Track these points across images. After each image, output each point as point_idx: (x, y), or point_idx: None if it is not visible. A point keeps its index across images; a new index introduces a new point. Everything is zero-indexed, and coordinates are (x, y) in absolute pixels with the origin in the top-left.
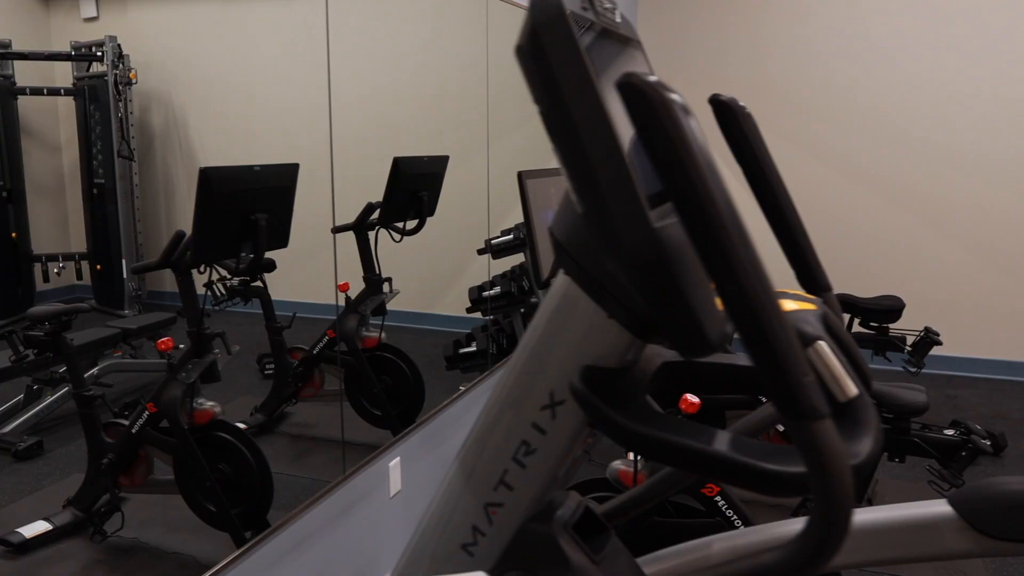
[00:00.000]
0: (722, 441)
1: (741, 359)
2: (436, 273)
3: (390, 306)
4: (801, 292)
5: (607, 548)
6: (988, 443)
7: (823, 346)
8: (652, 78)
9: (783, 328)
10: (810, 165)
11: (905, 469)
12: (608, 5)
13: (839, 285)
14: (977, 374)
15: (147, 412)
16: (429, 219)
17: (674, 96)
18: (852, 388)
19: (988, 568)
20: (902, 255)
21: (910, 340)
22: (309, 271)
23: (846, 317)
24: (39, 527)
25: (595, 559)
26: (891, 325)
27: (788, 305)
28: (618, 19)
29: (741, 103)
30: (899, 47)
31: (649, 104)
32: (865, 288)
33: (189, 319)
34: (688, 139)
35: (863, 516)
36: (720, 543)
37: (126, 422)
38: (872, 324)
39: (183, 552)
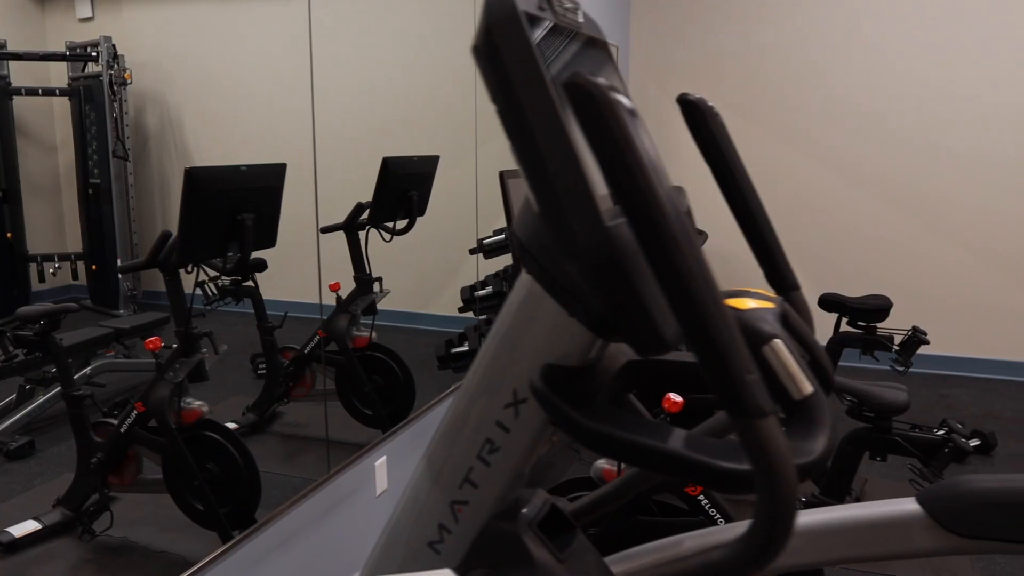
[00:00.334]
0: (678, 439)
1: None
2: (430, 273)
3: (384, 306)
4: (763, 291)
5: (573, 546)
6: (972, 442)
7: (779, 344)
8: (599, 79)
9: (725, 326)
10: (802, 164)
11: (895, 468)
12: (569, 5)
13: (829, 284)
14: (971, 373)
15: (135, 412)
16: (423, 219)
17: (619, 97)
18: (807, 386)
19: (975, 567)
20: (897, 255)
21: (898, 339)
22: (303, 271)
23: (834, 316)
24: (29, 526)
25: (560, 557)
26: (879, 324)
27: (748, 303)
28: (581, 19)
29: (709, 103)
30: (890, 46)
31: (594, 104)
32: (859, 287)
33: (176, 319)
34: (631, 140)
35: (832, 514)
36: (691, 541)
37: (115, 422)
38: (860, 323)
39: (172, 551)
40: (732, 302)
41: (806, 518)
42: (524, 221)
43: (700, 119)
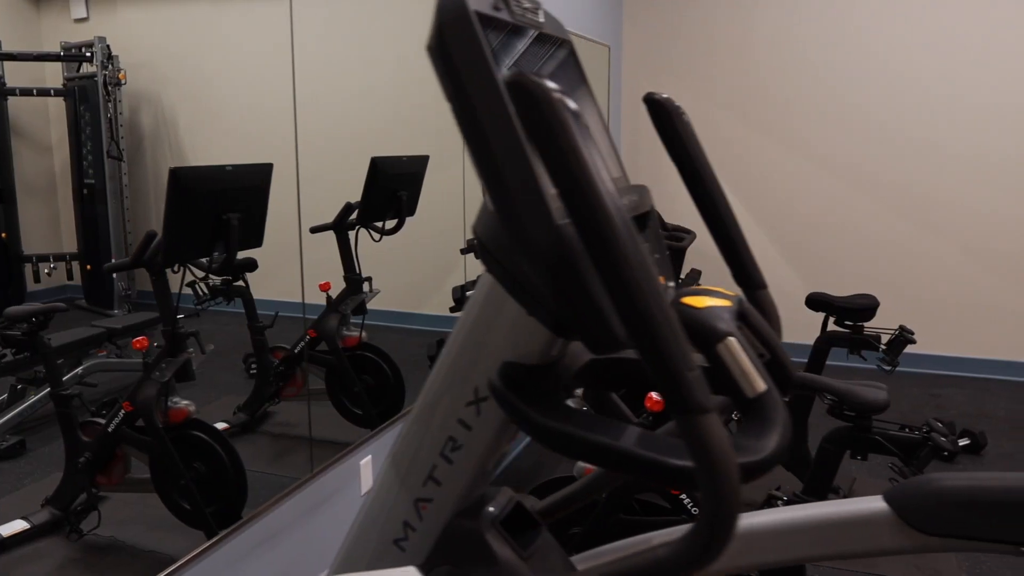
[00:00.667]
0: (630, 436)
1: None
2: (422, 273)
3: (376, 306)
4: (722, 289)
5: (536, 543)
6: (962, 442)
7: (733, 342)
8: (544, 80)
9: (666, 323)
10: (794, 163)
11: (885, 468)
12: (528, 5)
13: (820, 284)
14: (965, 373)
15: (123, 411)
16: (415, 219)
17: (561, 96)
18: (760, 384)
19: (961, 567)
20: (890, 254)
21: (885, 339)
22: (295, 271)
23: (821, 316)
24: (17, 526)
25: (523, 554)
26: (866, 324)
27: (705, 301)
28: (541, 19)
29: (676, 103)
30: (881, 45)
31: (535, 104)
32: (851, 287)
33: (163, 318)
34: (572, 139)
35: (800, 512)
36: (659, 539)
37: (103, 421)
38: (847, 323)
39: (159, 550)
40: (689, 300)
41: (773, 516)
42: (483, 220)
43: (666, 119)
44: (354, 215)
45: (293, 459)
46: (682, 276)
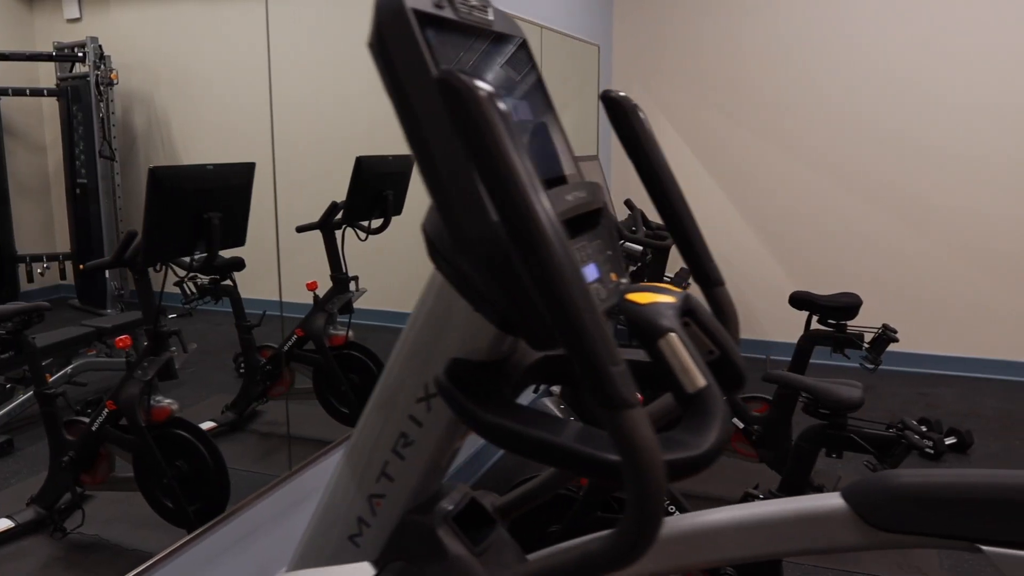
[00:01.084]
0: (568, 432)
1: (628, 353)
2: (412, 272)
3: (370, 305)
4: (668, 286)
5: (490, 539)
6: (948, 440)
7: (673, 338)
8: (473, 79)
9: (591, 319)
10: (783, 162)
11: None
12: (475, 3)
13: (807, 282)
14: (956, 372)
15: (107, 410)
16: (408, 218)
17: (490, 96)
18: (700, 380)
19: (944, 565)
20: (881, 253)
21: (868, 337)
22: (285, 270)
23: (804, 314)
24: (1, 524)
25: (475, 550)
26: (850, 322)
27: (651, 298)
28: (491, 16)
29: (633, 101)
30: (870, 44)
31: (462, 102)
32: (840, 285)
33: (145, 316)
34: (497, 137)
35: (757, 509)
36: None
37: (87, 420)
38: (830, 321)
39: (143, 549)
40: (633, 296)
41: (732, 512)
42: (431, 217)
43: (623, 117)
44: (340, 214)
45: (278, 457)
46: (669, 275)
